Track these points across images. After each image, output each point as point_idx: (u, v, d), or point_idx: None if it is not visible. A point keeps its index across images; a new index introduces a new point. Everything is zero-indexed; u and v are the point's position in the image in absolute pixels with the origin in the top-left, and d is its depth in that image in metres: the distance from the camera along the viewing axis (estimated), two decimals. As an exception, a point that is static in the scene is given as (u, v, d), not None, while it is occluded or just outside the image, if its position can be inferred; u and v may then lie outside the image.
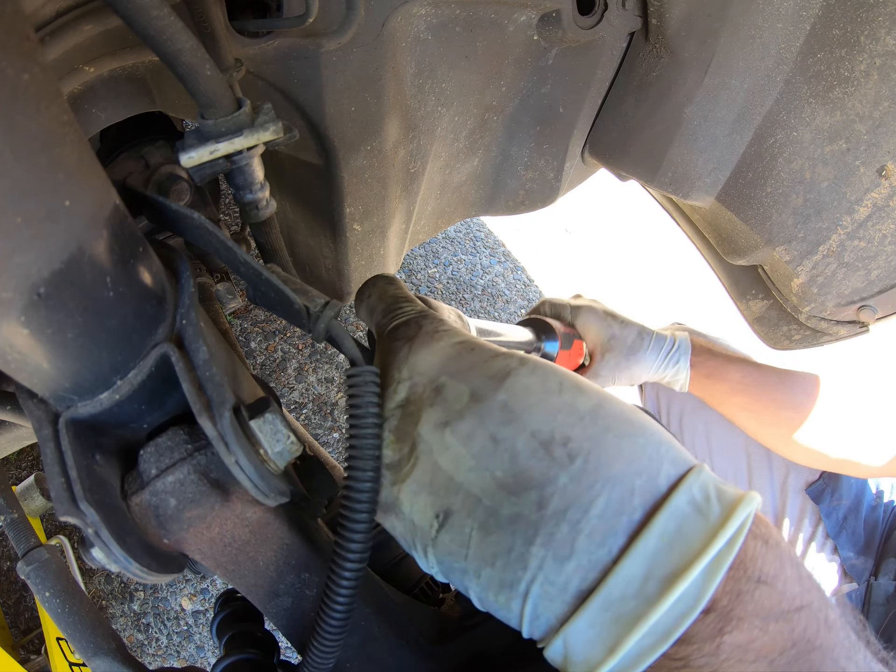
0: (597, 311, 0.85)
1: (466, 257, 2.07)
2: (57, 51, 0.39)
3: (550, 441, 0.27)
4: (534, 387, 0.28)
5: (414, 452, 0.29)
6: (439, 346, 0.32)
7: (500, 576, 0.27)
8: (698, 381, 0.89)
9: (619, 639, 0.24)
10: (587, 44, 0.67)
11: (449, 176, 0.80)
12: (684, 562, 0.24)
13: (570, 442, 0.26)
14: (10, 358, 0.25)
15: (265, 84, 0.54)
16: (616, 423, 0.27)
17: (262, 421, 0.29)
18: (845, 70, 0.59)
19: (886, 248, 0.67)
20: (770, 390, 0.87)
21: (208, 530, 0.33)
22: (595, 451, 0.26)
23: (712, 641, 0.24)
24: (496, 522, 0.26)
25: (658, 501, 0.25)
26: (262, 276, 0.32)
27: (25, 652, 1.12)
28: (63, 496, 0.27)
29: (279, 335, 1.67)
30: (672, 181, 0.73)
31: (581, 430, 0.27)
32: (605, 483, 0.25)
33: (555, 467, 0.26)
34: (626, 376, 0.86)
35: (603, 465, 0.26)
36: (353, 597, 0.31)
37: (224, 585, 1.31)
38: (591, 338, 0.85)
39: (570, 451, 0.26)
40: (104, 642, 0.37)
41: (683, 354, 0.87)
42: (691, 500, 0.25)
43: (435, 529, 0.28)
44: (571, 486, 0.26)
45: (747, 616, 0.24)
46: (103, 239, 0.25)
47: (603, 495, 0.25)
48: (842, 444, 0.86)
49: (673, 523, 0.25)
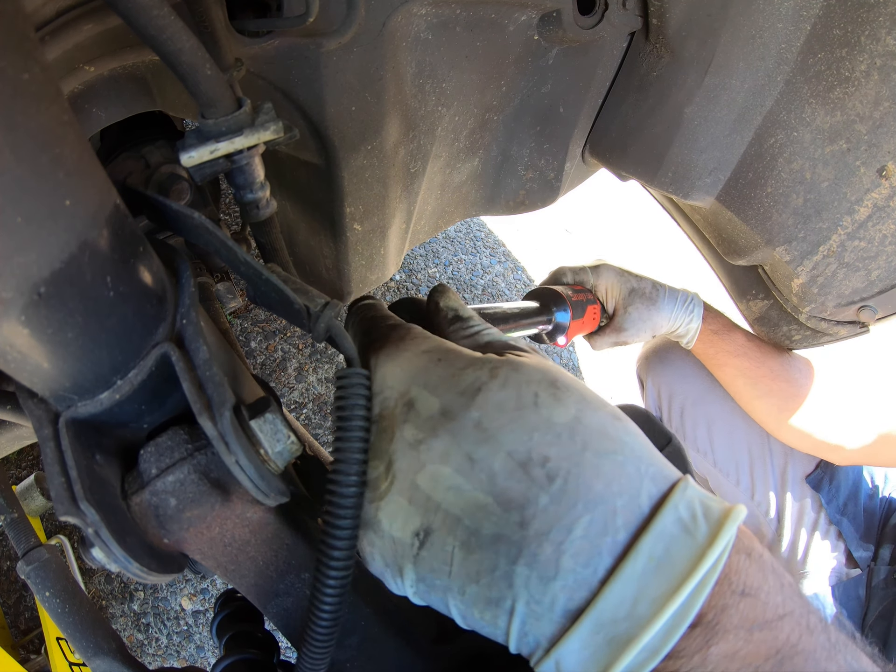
0: (613, 267, 0.91)
1: (467, 257, 2.07)
2: (57, 50, 0.39)
3: (528, 461, 0.26)
4: (506, 403, 0.28)
5: (391, 470, 0.29)
6: (406, 356, 0.32)
7: (485, 593, 0.26)
8: (706, 336, 0.93)
9: (612, 659, 0.24)
10: (588, 44, 0.67)
11: (449, 176, 0.80)
12: (674, 583, 0.24)
13: (547, 462, 0.26)
14: (10, 358, 0.25)
15: (265, 84, 0.54)
16: (594, 440, 0.27)
17: (263, 421, 0.29)
18: (846, 70, 0.59)
19: (887, 249, 0.67)
20: (769, 358, 0.93)
21: (208, 530, 0.33)
22: (574, 471, 0.26)
23: (699, 654, 0.24)
24: (478, 542, 0.26)
25: (644, 522, 0.25)
26: (263, 276, 0.32)
27: (25, 652, 1.12)
28: (63, 496, 0.27)
29: (279, 335, 1.67)
30: (672, 181, 0.73)
31: (559, 450, 0.26)
32: (586, 504, 0.25)
33: (534, 488, 0.26)
34: (649, 326, 0.90)
35: (583, 485, 0.26)
36: (341, 599, 0.30)
37: (224, 585, 1.31)
38: (613, 293, 0.90)
39: (549, 472, 0.26)
40: (104, 642, 0.37)
41: (698, 305, 0.93)
42: (678, 520, 0.25)
43: (416, 547, 0.28)
44: (552, 507, 0.26)
45: (733, 628, 0.24)
46: (103, 238, 0.25)
47: (585, 516, 0.25)
48: (826, 425, 0.91)
49: (661, 544, 0.25)
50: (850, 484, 0.99)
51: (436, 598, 0.29)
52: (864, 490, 1.00)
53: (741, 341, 0.93)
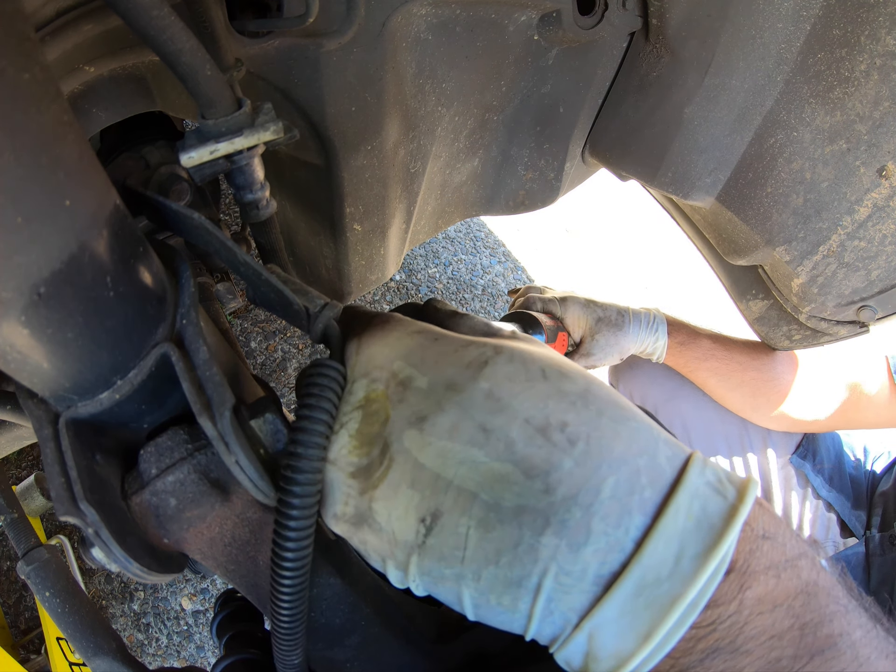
0: (579, 299, 0.95)
1: (466, 257, 2.07)
2: (57, 50, 0.39)
3: (547, 426, 0.26)
4: (516, 374, 0.27)
5: (387, 454, 0.27)
6: (394, 335, 0.30)
7: (505, 573, 0.25)
8: (674, 349, 0.98)
9: (654, 624, 0.24)
10: (587, 44, 0.67)
11: (449, 176, 0.80)
12: (715, 538, 0.24)
13: (566, 426, 0.26)
14: (11, 358, 0.25)
15: (265, 84, 0.54)
16: (608, 407, 0.27)
17: (263, 421, 0.29)
18: (845, 70, 0.59)
19: (887, 249, 0.67)
20: (736, 353, 0.98)
21: (208, 530, 0.33)
22: (594, 434, 0.26)
23: (735, 600, 0.24)
24: (498, 517, 0.25)
25: (673, 482, 0.26)
26: (262, 277, 0.32)
27: (25, 652, 1.12)
28: (63, 496, 0.27)
29: (279, 335, 1.67)
30: (672, 181, 0.73)
31: (576, 415, 0.26)
32: (610, 465, 0.25)
33: (557, 452, 0.25)
34: (616, 350, 0.95)
35: (605, 447, 0.26)
36: (302, 564, 0.29)
37: (224, 585, 1.31)
38: (580, 324, 0.95)
39: (570, 436, 0.26)
40: (104, 642, 0.37)
41: (661, 324, 0.97)
42: (708, 482, 0.26)
43: (422, 535, 0.26)
44: (578, 469, 0.25)
45: (762, 569, 0.25)
46: (103, 239, 0.25)
47: (611, 477, 0.25)
48: (799, 404, 0.96)
49: (697, 503, 0.25)
50: (833, 458, 1.03)
51: (445, 588, 0.27)
52: (847, 462, 1.04)
53: (707, 345, 0.98)
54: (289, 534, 0.28)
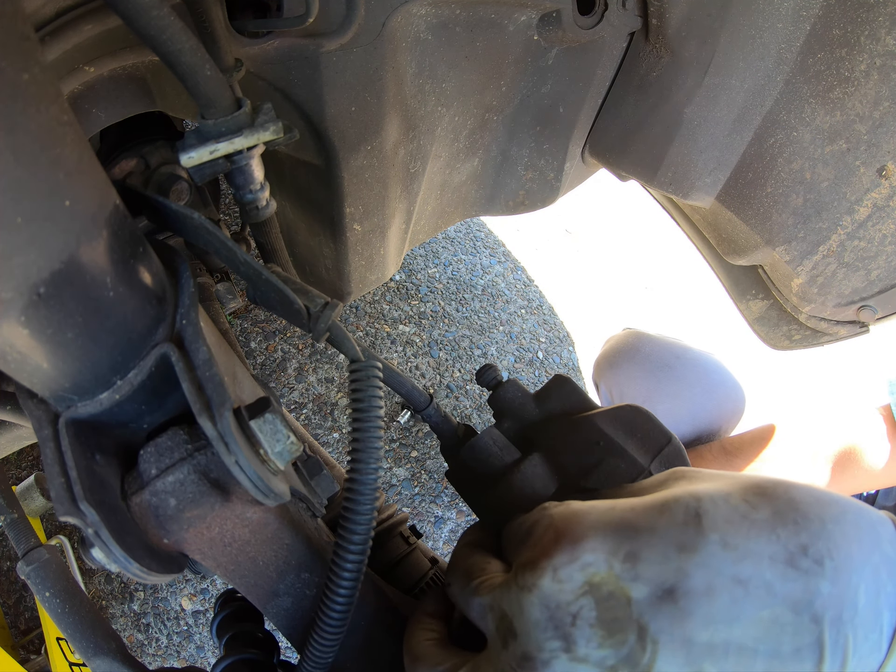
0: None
1: (466, 257, 2.07)
2: (57, 51, 0.39)
3: (791, 556, 0.26)
4: (731, 515, 0.27)
5: (646, 637, 0.26)
6: (591, 520, 0.29)
7: None
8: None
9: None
10: (587, 44, 0.67)
11: (449, 176, 0.80)
12: None
13: (807, 549, 0.26)
14: (10, 358, 0.25)
15: (265, 84, 0.54)
16: (822, 509, 0.27)
17: (262, 421, 0.29)
18: (845, 70, 0.59)
19: (886, 248, 0.67)
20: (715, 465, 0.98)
21: (208, 530, 0.33)
22: (831, 546, 0.26)
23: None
24: (781, 663, 0.25)
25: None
26: (262, 276, 0.32)
27: (25, 652, 1.12)
28: (63, 496, 0.27)
29: (279, 335, 1.67)
30: (672, 181, 0.73)
31: (807, 534, 0.26)
32: (858, 573, 0.25)
33: (813, 579, 0.25)
34: None
35: (845, 556, 0.25)
36: (354, 591, 0.31)
37: (224, 585, 1.31)
38: None
39: (814, 557, 0.25)
40: (104, 642, 0.37)
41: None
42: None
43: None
44: (835, 589, 0.25)
45: None
46: (103, 239, 0.25)
47: (862, 584, 0.25)
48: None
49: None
50: None
51: None
52: None
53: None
54: (347, 565, 0.30)
